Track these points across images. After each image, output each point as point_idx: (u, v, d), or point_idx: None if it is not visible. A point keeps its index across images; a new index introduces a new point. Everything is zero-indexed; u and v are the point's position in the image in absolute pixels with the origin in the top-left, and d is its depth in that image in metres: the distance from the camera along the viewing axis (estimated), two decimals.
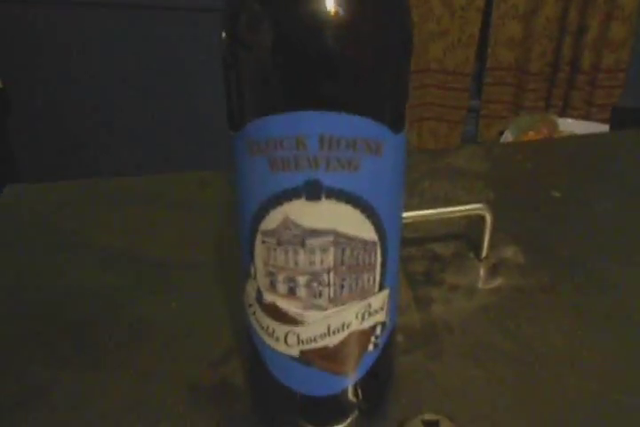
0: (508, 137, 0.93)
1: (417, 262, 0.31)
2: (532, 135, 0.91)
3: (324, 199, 0.17)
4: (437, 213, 0.30)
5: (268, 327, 0.20)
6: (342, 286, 0.18)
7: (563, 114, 1.29)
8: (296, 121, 0.16)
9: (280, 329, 0.19)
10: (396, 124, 0.17)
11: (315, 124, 0.16)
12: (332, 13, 0.15)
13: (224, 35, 0.17)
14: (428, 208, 0.32)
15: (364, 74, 0.16)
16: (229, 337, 0.27)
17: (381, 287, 0.19)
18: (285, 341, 0.19)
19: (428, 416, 0.21)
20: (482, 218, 0.31)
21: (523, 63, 1.26)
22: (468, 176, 0.39)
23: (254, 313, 0.20)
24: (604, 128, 0.92)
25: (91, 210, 0.37)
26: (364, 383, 0.21)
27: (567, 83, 1.27)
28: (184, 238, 0.34)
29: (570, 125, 0.96)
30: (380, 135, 0.17)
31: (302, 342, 0.19)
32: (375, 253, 0.19)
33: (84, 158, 1.70)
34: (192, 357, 0.26)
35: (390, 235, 0.19)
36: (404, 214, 0.29)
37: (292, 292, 0.18)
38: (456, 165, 0.40)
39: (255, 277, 0.19)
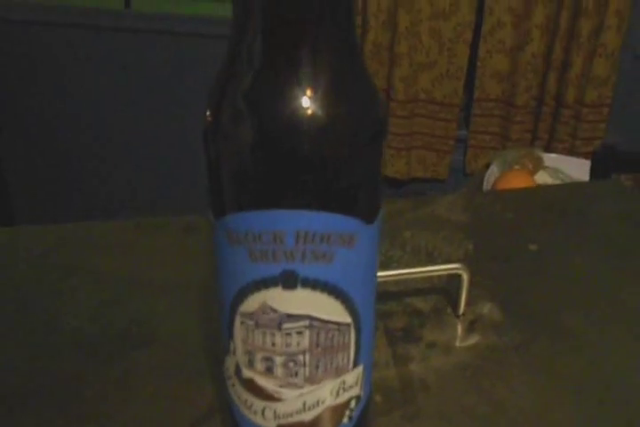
0: (494, 170, 0.94)
1: (397, 318, 0.32)
2: (517, 169, 0.93)
3: (299, 288, 0.18)
4: (417, 272, 0.31)
5: (246, 401, 0.20)
6: (317, 366, 0.19)
7: (548, 146, 1.32)
8: (273, 218, 0.17)
9: (258, 404, 0.20)
10: (369, 216, 0.18)
11: (291, 221, 0.17)
12: (307, 118, 0.16)
13: (206, 128, 0.18)
14: (409, 260, 0.33)
15: (336, 174, 0.17)
16: (213, 395, 0.27)
17: (355, 364, 0.20)
18: (263, 415, 0.20)
19: None
20: (460, 276, 0.32)
21: (509, 96, 1.29)
22: (449, 226, 0.40)
23: (233, 386, 0.21)
24: (587, 164, 0.95)
25: (80, 254, 0.37)
26: None
27: (552, 116, 1.30)
28: (170, 286, 0.35)
29: (554, 161, 0.98)
30: (354, 228, 0.18)
31: (279, 416, 0.20)
32: (349, 334, 0.19)
33: (73, 199, 1.73)
34: (175, 415, 0.27)
35: (364, 316, 0.20)
36: (386, 273, 0.30)
37: (269, 370, 0.19)
38: (438, 215, 0.42)
39: (234, 354, 0.20)
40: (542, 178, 0.91)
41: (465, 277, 0.32)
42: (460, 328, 0.32)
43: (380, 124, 0.18)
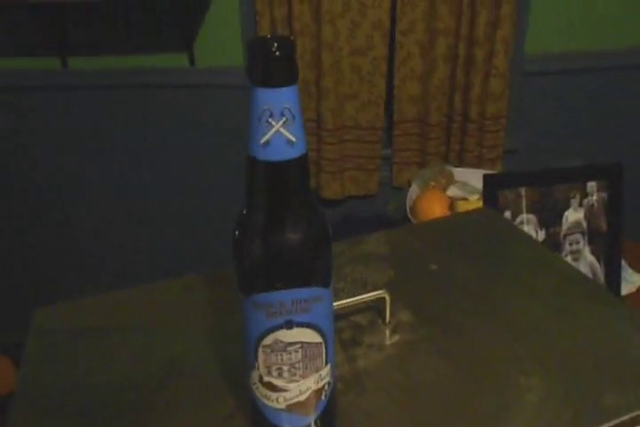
0: (414, 188, 1.13)
1: (345, 331, 0.48)
2: (433, 186, 1.12)
3: (295, 328, 0.33)
4: (355, 301, 0.47)
5: (266, 395, 0.36)
6: (306, 368, 0.35)
7: (460, 156, 1.53)
8: (279, 295, 0.32)
9: (273, 395, 0.35)
10: (327, 284, 0.34)
11: (288, 295, 0.32)
12: (289, 242, 0.32)
13: (235, 242, 0.33)
14: (350, 290, 0.49)
15: (308, 267, 0.33)
16: (234, 402, 0.42)
17: (326, 364, 0.36)
18: (277, 401, 0.35)
19: None
20: (384, 298, 0.48)
21: (424, 116, 1.49)
22: (376, 259, 0.57)
23: (257, 388, 0.36)
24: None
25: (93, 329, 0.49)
26: (322, 418, 0.37)
27: (461, 130, 1.51)
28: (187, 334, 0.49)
29: (463, 174, 1.18)
30: (321, 292, 0.33)
31: (286, 400, 0.35)
32: (322, 348, 0.35)
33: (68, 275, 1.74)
34: (209, 414, 0.41)
35: (329, 336, 0.35)
36: (337, 303, 0.46)
37: (280, 375, 0.34)
38: (367, 251, 0.58)
39: (258, 368, 0.35)
40: (453, 192, 1.10)
41: (387, 298, 0.48)
42: (387, 332, 0.48)
43: (326, 240, 0.34)
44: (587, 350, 0.47)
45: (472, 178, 1.16)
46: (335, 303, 0.46)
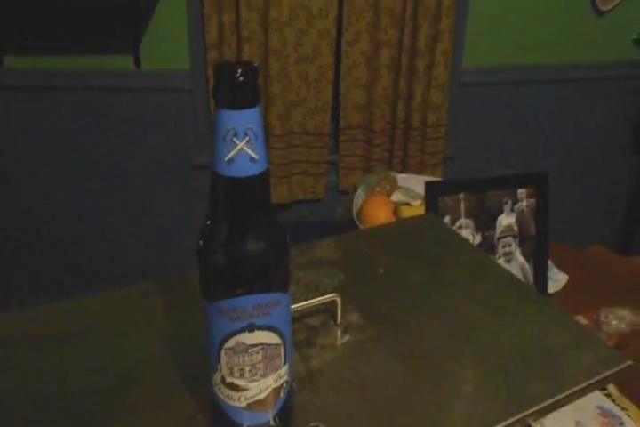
0: (360, 194, 1.17)
1: (299, 333, 0.51)
2: (378, 191, 1.17)
3: (256, 331, 0.36)
4: (308, 304, 0.50)
5: (228, 395, 0.38)
6: (266, 368, 0.37)
7: (403, 162, 1.59)
8: (241, 301, 0.35)
9: (234, 394, 0.38)
10: (285, 289, 0.37)
11: (250, 301, 0.35)
12: (250, 252, 0.34)
13: (198, 251, 0.35)
14: (303, 293, 0.52)
15: (267, 275, 0.35)
16: (195, 404, 0.44)
17: (284, 363, 0.39)
18: (238, 400, 0.38)
19: (313, 424, 0.41)
20: (336, 301, 0.52)
21: (368, 123, 1.54)
22: (327, 264, 0.60)
23: (219, 389, 0.38)
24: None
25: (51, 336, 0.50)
26: (279, 414, 0.40)
27: (404, 137, 1.58)
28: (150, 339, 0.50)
29: (406, 180, 1.23)
30: (280, 297, 0.36)
31: (247, 398, 0.38)
32: (281, 348, 0.38)
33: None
34: (171, 415, 0.43)
35: (287, 337, 0.38)
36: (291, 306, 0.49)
37: (242, 375, 0.37)
38: (319, 256, 0.61)
39: (220, 370, 0.37)
40: (397, 197, 1.15)
41: (338, 300, 0.51)
42: (339, 333, 0.52)
43: (285, 249, 0.37)
44: (516, 344, 0.52)
45: (414, 184, 1.22)
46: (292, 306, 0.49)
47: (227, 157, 0.33)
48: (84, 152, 1.54)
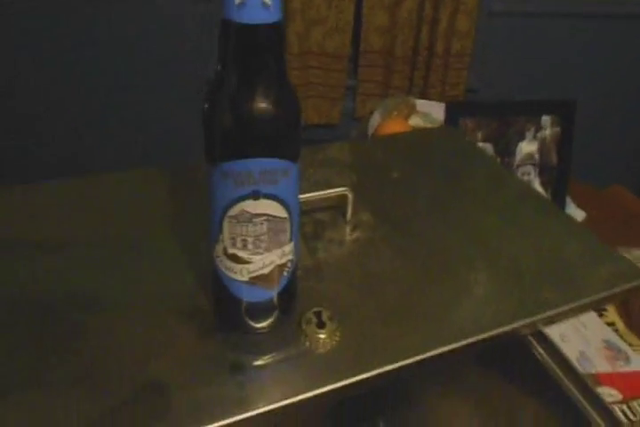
0: (376, 117, 1.12)
1: (307, 226, 0.49)
2: (395, 115, 1.12)
3: (261, 199, 0.33)
4: (318, 195, 0.48)
5: (229, 267, 0.36)
6: (271, 241, 0.35)
7: (423, 92, 1.53)
8: (247, 164, 0.32)
9: (237, 267, 0.36)
10: (295, 158, 0.34)
11: (257, 165, 0.32)
12: (262, 111, 0.31)
13: (204, 114, 0.32)
14: (312, 190, 0.50)
15: (278, 138, 0.33)
16: (196, 282, 0.43)
17: (290, 240, 0.37)
18: (240, 273, 0.36)
19: (316, 309, 0.40)
20: (346, 196, 0.49)
21: (390, 48, 1.47)
22: (339, 165, 0.57)
23: (221, 260, 0.36)
24: None
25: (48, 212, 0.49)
26: (282, 294, 0.39)
27: (426, 65, 1.50)
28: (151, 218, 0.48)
29: (425, 106, 1.18)
30: (288, 166, 0.34)
31: (250, 272, 0.36)
32: (287, 223, 0.36)
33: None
34: (172, 294, 0.42)
35: (294, 213, 0.36)
36: (300, 196, 0.47)
37: (244, 246, 0.35)
38: (331, 157, 0.58)
39: (222, 240, 0.35)
40: (415, 121, 1.11)
41: (349, 196, 0.49)
42: (347, 229, 0.50)
43: (297, 112, 0.33)
44: (531, 253, 0.50)
45: (434, 110, 1.17)
46: (300, 196, 0.46)
47: (237, 0, 0.30)
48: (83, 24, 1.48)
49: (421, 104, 1.19)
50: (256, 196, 0.33)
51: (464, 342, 0.40)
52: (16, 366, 0.36)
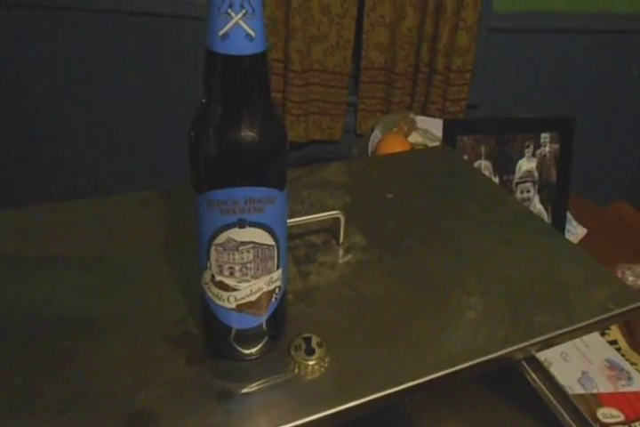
0: (377, 134, 1.13)
1: (300, 249, 0.49)
2: (395, 132, 1.12)
3: (247, 227, 0.34)
4: (310, 218, 0.48)
5: (217, 294, 0.36)
6: (258, 269, 0.36)
7: (424, 108, 1.53)
8: (233, 192, 0.32)
9: (224, 294, 0.36)
10: (281, 187, 0.34)
11: (243, 193, 0.32)
12: (245, 140, 0.32)
13: (190, 143, 0.33)
14: (306, 213, 0.50)
15: (263, 166, 0.33)
16: (185, 308, 0.43)
17: (278, 267, 0.37)
18: (228, 300, 0.36)
19: (305, 335, 0.40)
20: (339, 219, 0.49)
21: (390, 65, 1.48)
22: (333, 186, 0.58)
23: (209, 288, 0.36)
24: None
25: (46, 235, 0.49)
26: (271, 320, 0.39)
27: (426, 81, 1.51)
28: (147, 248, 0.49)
29: (424, 122, 1.18)
30: (274, 194, 0.34)
31: (237, 299, 0.36)
32: (274, 250, 0.36)
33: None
34: (161, 320, 0.42)
35: (281, 240, 0.36)
36: (292, 220, 0.47)
37: (232, 274, 0.35)
38: (325, 178, 0.59)
39: (210, 268, 0.36)
40: (414, 138, 1.11)
41: (342, 219, 0.49)
42: (340, 252, 0.50)
43: (282, 141, 0.34)
44: (525, 275, 0.50)
45: (434, 127, 1.17)
46: (291, 220, 0.47)
47: (221, 32, 0.30)
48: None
49: (421, 121, 1.19)
50: (242, 224, 0.33)
51: (454, 369, 0.40)
52: (4, 392, 0.36)
